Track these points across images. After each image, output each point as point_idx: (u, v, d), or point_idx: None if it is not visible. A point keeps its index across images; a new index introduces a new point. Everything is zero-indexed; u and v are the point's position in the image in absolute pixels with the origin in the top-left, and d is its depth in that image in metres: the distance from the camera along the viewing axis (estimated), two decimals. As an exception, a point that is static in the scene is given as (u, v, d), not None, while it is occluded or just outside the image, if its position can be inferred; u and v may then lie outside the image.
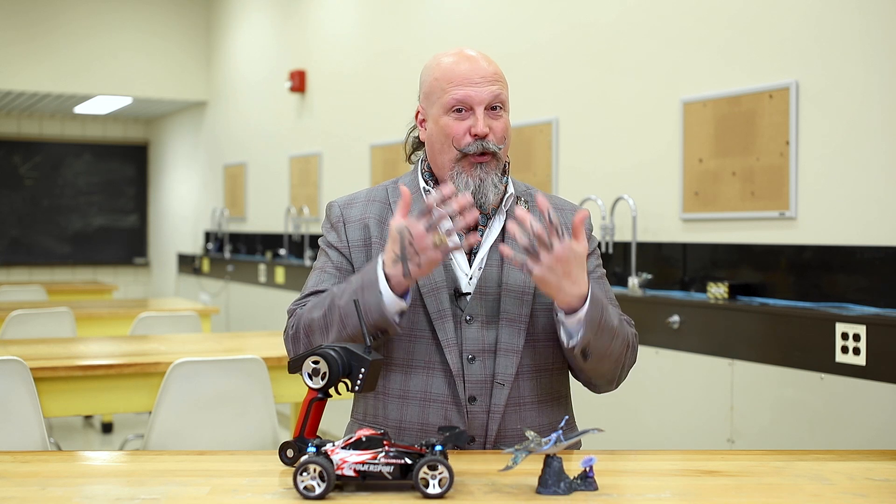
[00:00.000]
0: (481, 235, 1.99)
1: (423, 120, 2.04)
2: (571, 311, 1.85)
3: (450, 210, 1.77)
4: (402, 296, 1.84)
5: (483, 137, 1.94)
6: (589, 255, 2.06)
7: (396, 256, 1.80)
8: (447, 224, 1.99)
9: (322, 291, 1.99)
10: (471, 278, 1.97)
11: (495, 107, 1.97)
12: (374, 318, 1.83)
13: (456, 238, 1.82)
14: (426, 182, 2.03)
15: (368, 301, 1.82)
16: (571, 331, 1.87)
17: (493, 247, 1.99)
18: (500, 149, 1.96)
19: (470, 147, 1.95)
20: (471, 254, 1.99)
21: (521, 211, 1.80)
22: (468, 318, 1.94)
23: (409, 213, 1.99)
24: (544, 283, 1.82)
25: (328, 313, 1.89)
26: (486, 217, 2.00)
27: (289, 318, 2.01)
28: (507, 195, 2.02)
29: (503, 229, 2.00)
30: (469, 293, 1.96)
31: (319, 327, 1.90)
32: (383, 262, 1.83)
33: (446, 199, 1.77)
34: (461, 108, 1.95)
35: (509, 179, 2.05)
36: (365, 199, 2.07)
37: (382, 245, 1.99)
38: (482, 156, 1.95)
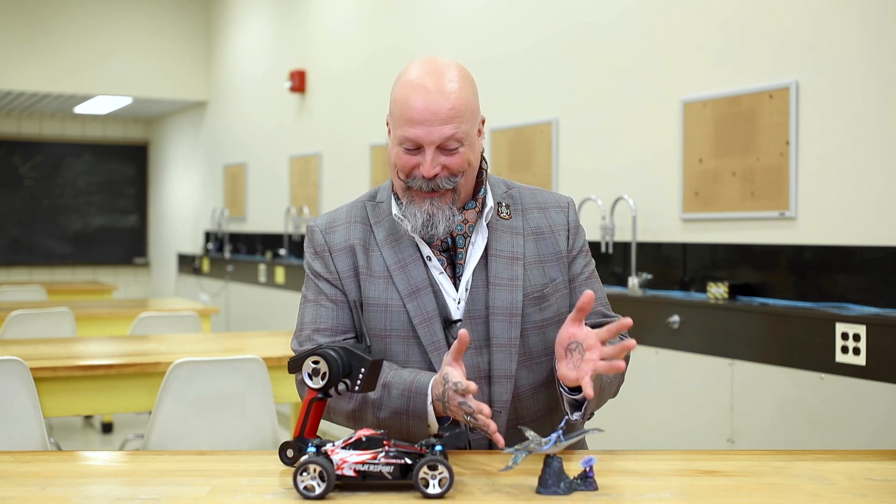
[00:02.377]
0: (461, 259, 1.94)
1: (389, 131, 1.96)
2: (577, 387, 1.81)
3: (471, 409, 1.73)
4: (441, 418, 1.85)
5: (432, 178, 1.87)
6: (577, 254, 2.02)
7: (439, 396, 1.79)
8: (426, 250, 1.95)
9: (324, 329, 1.95)
10: (459, 302, 1.94)
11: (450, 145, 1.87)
12: (415, 439, 1.83)
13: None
14: (398, 206, 1.96)
15: (414, 428, 1.84)
16: (578, 401, 1.84)
17: (478, 267, 1.94)
18: (453, 183, 1.87)
19: (415, 182, 1.88)
20: (454, 277, 1.95)
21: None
22: None
23: (394, 245, 1.95)
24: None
25: (357, 411, 1.89)
26: (464, 237, 1.94)
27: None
28: (487, 208, 1.96)
29: (486, 246, 1.95)
30: (459, 320, 1.93)
31: (345, 417, 1.92)
32: (431, 392, 1.81)
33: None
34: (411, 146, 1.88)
35: (487, 189, 1.98)
36: (345, 220, 2.00)
37: (370, 274, 1.94)
38: (429, 192, 1.88)
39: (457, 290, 1.94)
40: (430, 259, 1.95)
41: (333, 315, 1.95)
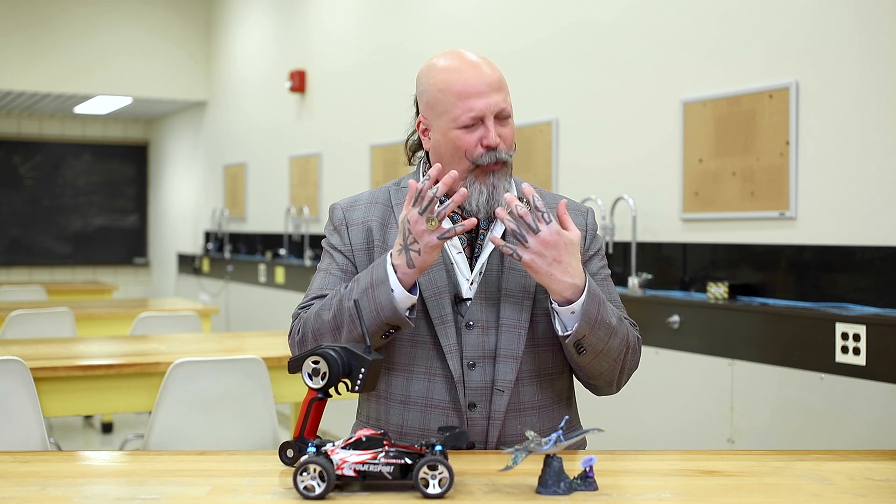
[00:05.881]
0: (482, 240, 1.98)
1: (426, 129, 2.00)
2: (566, 303, 1.84)
3: (435, 192, 1.79)
4: (411, 290, 1.85)
5: (495, 148, 1.93)
6: (593, 255, 2.05)
7: (401, 246, 1.82)
8: (445, 221, 1.99)
9: (325, 295, 1.98)
10: (472, 283, 1.96)
11: (504, 115, 1.95)
12: (387, 315, 1.83)
13: (448, 223, 1.82)
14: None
15: (380, 298, 1.83)
16: (566, 322, 1.86)
17: (494, 252, 1.98)
18: (510, 156, 1.97)
19: (483, 158, 1.93)
20: (472, 259, 1.98)
21: (508, 195, 1.82)
22: (469, 323, 1.94)
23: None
24: (533, 270, 1.82)
25: (337, 315, 1.88)
26: (488, 221, 1.99)
27: (293, 322, 2.00)
28: None
29: (504, 234, 1.99)
30: (470, 298, 1.95)
31: (330, 329, 1.90)
32: (391, 256, 1.85)
33: (435, 182, 1.80)
34: (472, 121, 1.93)
35: (511, 182, 2.03)
36: (368, 200, 2.06)
37: (385, 248, 1.98)
38: (494, 164, 1.95)
39: (471, 272, 1.96)
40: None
41: (338, 283, 1.99)
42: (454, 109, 1.93)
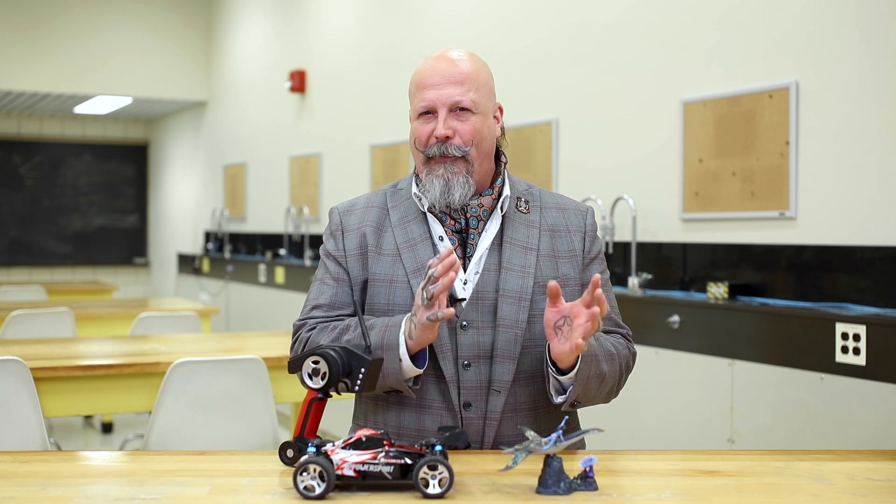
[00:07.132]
0: (472, 240, 1.98)
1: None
2: (569, 369, 1.85)
3: (434, 272, 1.76)
4: (418, 357, 1.85)
5: (444, 140, 1.94)
6: (594, 259, 2.05)
7: (410, 314, 1.82)
8: (438, 230, 1.98)
9: (322, 305, 2.00)
10: (465, 283, 1.96)
11: (463, 109, 1.95)
12: (390, 382, 1.85)
13: (444, 310, 1.79)
14: (417, 185, 2.02)
15: (387, 365, 1.83)
16: (564, 385, 1.87)
17: (491, 252, 1.97)
18: (464, 151, 1.94)
19: (430, 150, 1.95)
20: (465, 258, 1.98)
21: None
22: (463, 323, 1.93)
23: (406, 224, 1.99)
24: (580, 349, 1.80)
25: None
26: (477, 220, 1.98)
27: (294, 337, 2.02)
28: (503, 197, 2.00)
29: (500, 231, 1.99)
30: (464, 299, 1.95)
31: None
32: (405, 321, 1.84)
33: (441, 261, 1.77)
34: (428, 112, 1.96)
35: (505, 180, 2.03)
36: (364, 205, 2.07)
37: (379, 252, 1.99)
38: (442, 157, 1.95)
39: (465, 272, 1.96)
40: (441, 239, 1.98)
41: (333, 292, 2.01)
42: (414, 100, 1.99)
